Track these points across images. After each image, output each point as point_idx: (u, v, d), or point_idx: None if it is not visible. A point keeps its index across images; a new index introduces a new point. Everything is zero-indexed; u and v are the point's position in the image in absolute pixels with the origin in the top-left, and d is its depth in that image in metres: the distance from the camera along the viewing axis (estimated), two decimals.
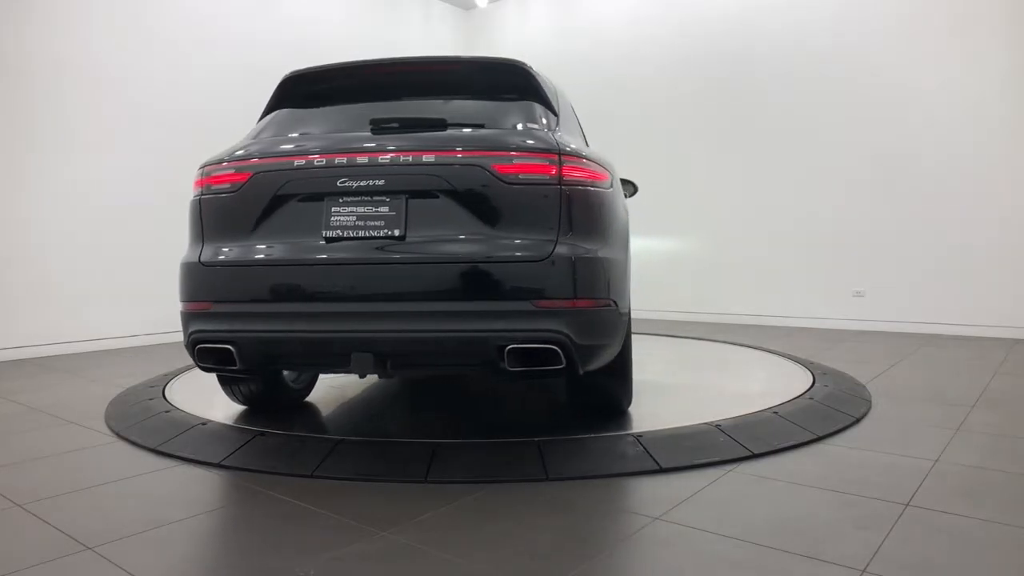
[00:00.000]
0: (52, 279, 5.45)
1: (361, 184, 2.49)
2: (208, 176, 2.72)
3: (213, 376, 3.25)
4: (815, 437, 2.85)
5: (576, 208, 2.49)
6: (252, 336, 2.56)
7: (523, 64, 2.93)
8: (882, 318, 6.50)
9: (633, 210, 5.40)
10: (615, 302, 2.61)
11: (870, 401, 3.52)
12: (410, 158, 2.48)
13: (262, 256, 2.58)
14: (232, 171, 2.66)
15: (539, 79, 2.94)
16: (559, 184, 2.45)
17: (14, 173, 5.31)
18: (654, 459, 2.53)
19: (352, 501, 2.24)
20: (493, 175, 2.44)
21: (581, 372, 2.52)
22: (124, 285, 5.79)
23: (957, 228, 6.12)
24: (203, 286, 2.64)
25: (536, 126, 2.71)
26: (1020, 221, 5.87)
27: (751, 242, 7.24)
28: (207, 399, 3.48)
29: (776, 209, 7.07)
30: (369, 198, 2.49)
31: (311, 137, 2.79)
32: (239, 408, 3.34)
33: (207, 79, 6.38)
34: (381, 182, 2.48)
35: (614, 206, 2.78)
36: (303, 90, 3.05)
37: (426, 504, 2.19)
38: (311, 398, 3.64)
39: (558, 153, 2.49)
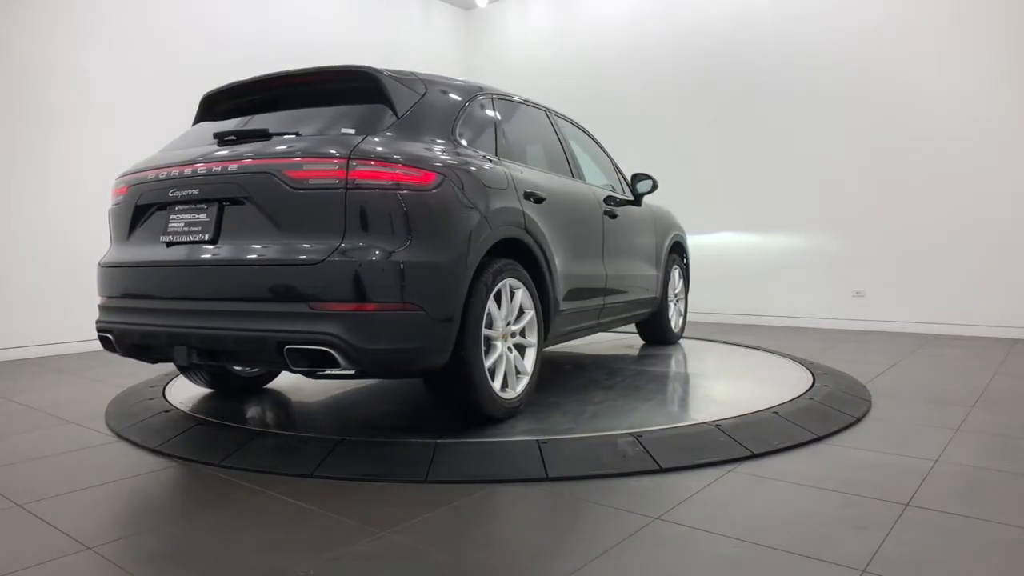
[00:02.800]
0: (51, 279, 5.45)
1: (185, 193, 2.75)
2: (114, 188, 3.13)
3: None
4: (815, 437, 2.86)
5: (367, 211, 2.48)
6: (118, 327, 2.94)
7: (369, 69, 2.88)
8: (882, 318, 6.51)
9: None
10: (422, 307, 2.55)
11: (870, 401, 3.52)
12: (219, 168, 2.68)
13: (125, 258, 2.96)
14: (122, 184, 3.06)
15: (386, 83, 2.86)
16: (346, 187, 2.48)
17: (12, 174, 5.31)
18: (654, 459, 2.54)
19: (352, 501, 2.24)
20: (284, 181, 2.53)
21: (377, 375, 2.64)
22: None
23: (957, 228, 6.12)
24: (101, 284, 3.10)
25: (348, 130, 2.70)
26: (1020, 221, 5.87)
27: (751, 242, 7.25)
28: (207, 399, 3.49)
29: (776, 209, 7.07)
30: (194, 206, 2.74)
31: (164, 152, 3.08)
32: (239, 408, 3.35)
33: (203, 81, 6.32)
34: (197, 191, 2.72)
35: (434, 208, 2.64)
36: (213, 107, 3.32)
37: (426, 504, 2.19)
38: (312, 398, 3.65)
39: (347, 157, 2.49)
